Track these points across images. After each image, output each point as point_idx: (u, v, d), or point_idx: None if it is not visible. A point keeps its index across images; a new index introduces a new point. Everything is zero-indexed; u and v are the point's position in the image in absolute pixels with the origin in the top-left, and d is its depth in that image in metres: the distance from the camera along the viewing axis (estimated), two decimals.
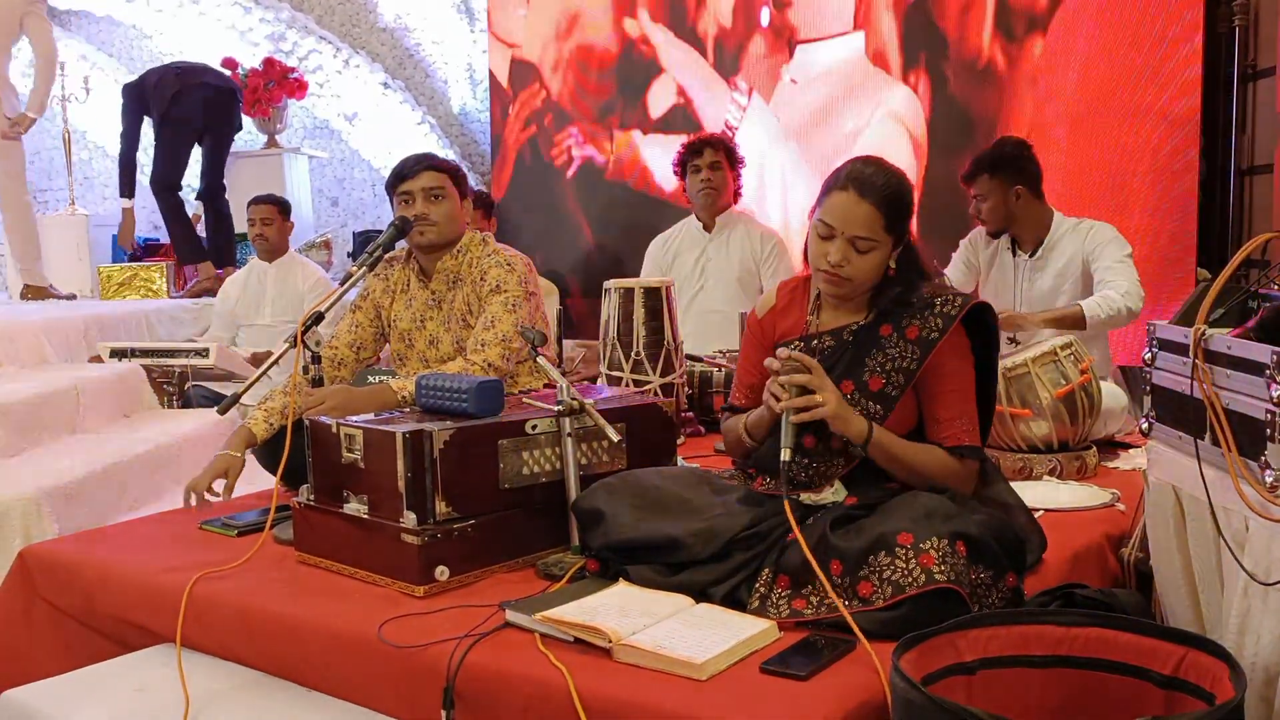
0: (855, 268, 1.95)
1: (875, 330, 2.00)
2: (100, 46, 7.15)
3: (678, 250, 4.16)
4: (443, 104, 6.79)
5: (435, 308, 2.84)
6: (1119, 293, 3.10)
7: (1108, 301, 3.09)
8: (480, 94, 6.65)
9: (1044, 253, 3.31)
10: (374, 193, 6.96)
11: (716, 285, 4.06)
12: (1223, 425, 1.42)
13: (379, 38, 6.85)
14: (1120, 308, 3.09)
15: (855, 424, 1.91)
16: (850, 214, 1.93)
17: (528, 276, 2.80)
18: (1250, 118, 4.36)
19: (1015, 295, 3.35)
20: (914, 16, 4.53)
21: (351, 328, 2.89)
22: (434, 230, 2.74)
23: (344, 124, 6.81)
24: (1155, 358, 1.70)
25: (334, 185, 7.09)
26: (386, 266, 2.93)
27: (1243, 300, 1.59)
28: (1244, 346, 1.41)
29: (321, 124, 6.95)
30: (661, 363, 3.29)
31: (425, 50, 6.82)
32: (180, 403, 4.26)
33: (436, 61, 6.80)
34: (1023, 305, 3.34)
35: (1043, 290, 3.31)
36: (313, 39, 6.61)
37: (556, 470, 2.16)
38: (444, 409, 2.16)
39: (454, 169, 2.83)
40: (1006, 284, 3.37)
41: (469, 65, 6.73)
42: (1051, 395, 2.67)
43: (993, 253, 3.44)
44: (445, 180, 2.77)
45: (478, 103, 6.70)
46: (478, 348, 2.66)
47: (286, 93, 6.32)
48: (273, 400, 2.68)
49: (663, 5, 5.35)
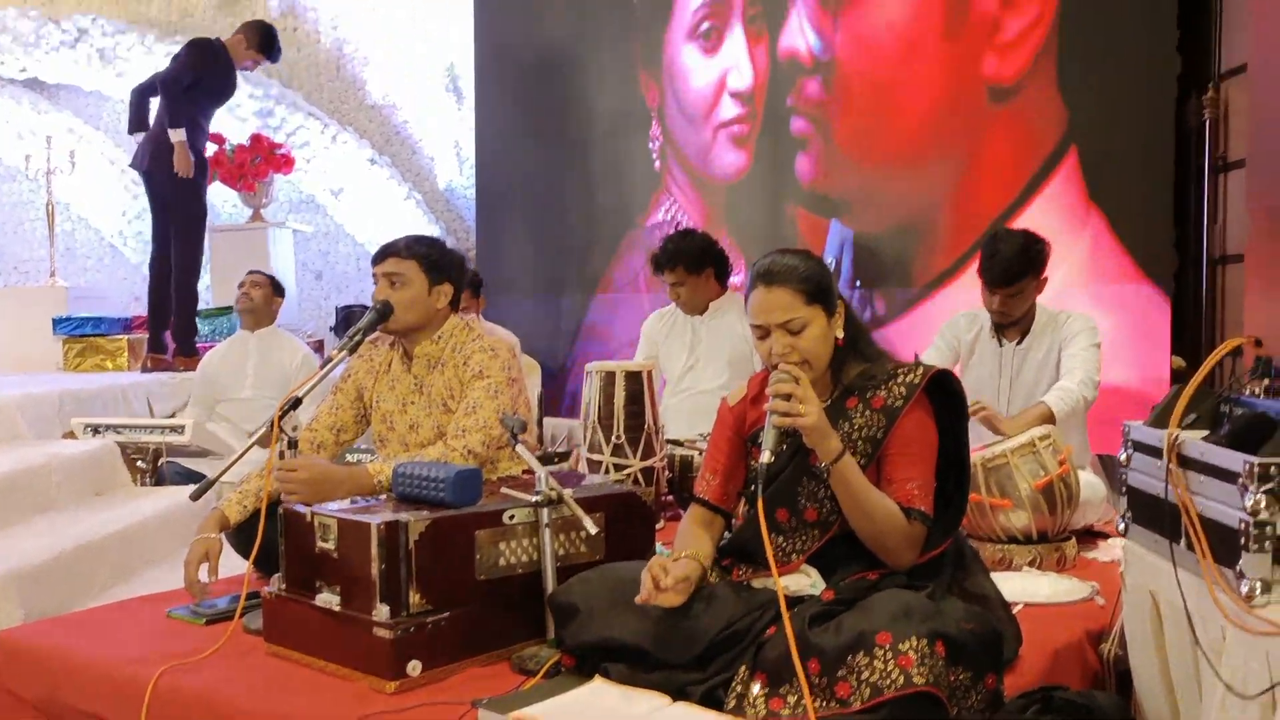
0: (802, 349, 1.99)
1: (842, 404, 2.04)
2: (88, 120, 7.20)
3: (671, 327, 4.19)
4: (429, 180, 6.86)
5: (417, 391, 2.83)
6: (1075, 382, 3.14)
7: (1068, 394, 3.11)
8: (466, 171, 6.72)
9: (1030, 342, 3.33)
10: (358, 267, 6.99)
11: (707, 365, 4.07)
12: (1198, 532, 1.42)
13: (367, 114, 6.93)
14: (1078, 398, 3.13)
15: (831, 442, 1.93)
16: (769, 304, 1.99)
17: (511, 362, 2.79)
18: (1222, 208, 4.45)
19: (1000, 385, 3.37)
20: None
21: (332, 410, 2.88)
22: (393, 318, 2.74)
23: (329, 198, 6.86)
24: (1131, 459, 1.71)
25: (318, 259, 7.12)
26: (371, 347, 2.93)
27: (1215, 404, 1.60)
28: (1217, 453, 1.42)
29: (307, 198, 7.00)
30: (642, 446, 3.29)
31: (412, 127, 6.90)
32: (154, 480, 4.21)
33: (423, 138, 6.89)
34: (1008, 395, 3.35)
35: (1027, 380, 3.32)
36: (301, 115, 6.69)
37: (534, 561, 2.14)
38: (421, 498, 2.15)
39: (423, 255, 2.78)
40: (991, 373, 3.38)
41: (456, 143, 6.81)
42: (1030, 486, 2.67)
43: (974, 337, 3.45)
44: (409, 267, 2.76)
45: (464, 179, 6.77)
46: (458, 434, 2.65)
47: (273, 168, 6.37)
48: (248, 483, 2.65)
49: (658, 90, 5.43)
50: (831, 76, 4.39)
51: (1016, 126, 4.04)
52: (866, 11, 4.27)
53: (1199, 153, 4.47)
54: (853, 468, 1.94)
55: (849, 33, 4.29)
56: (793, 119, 4.58)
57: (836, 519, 1.99)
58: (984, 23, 4.02)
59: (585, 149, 5.55)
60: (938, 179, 4.22)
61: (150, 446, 4.23)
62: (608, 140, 5.45)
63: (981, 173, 4.11)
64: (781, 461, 2.02)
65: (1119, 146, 3.98)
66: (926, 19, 4.13)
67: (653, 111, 5.17)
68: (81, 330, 5.86)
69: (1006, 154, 4.06)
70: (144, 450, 4.24)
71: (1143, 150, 3.94)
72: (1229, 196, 4.41)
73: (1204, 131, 4.44)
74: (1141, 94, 3.94)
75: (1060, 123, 4.03)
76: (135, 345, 5.75)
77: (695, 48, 4.86)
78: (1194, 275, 4.50)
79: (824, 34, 4.38)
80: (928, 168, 4.21)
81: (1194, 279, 4.50)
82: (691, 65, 4.85)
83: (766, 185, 4.82)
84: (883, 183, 4.33)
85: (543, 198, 5.78)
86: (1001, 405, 3.33)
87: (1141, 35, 3.93)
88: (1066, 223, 4.00)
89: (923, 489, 1.98)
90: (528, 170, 5.83)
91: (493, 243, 6.12)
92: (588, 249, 5.56)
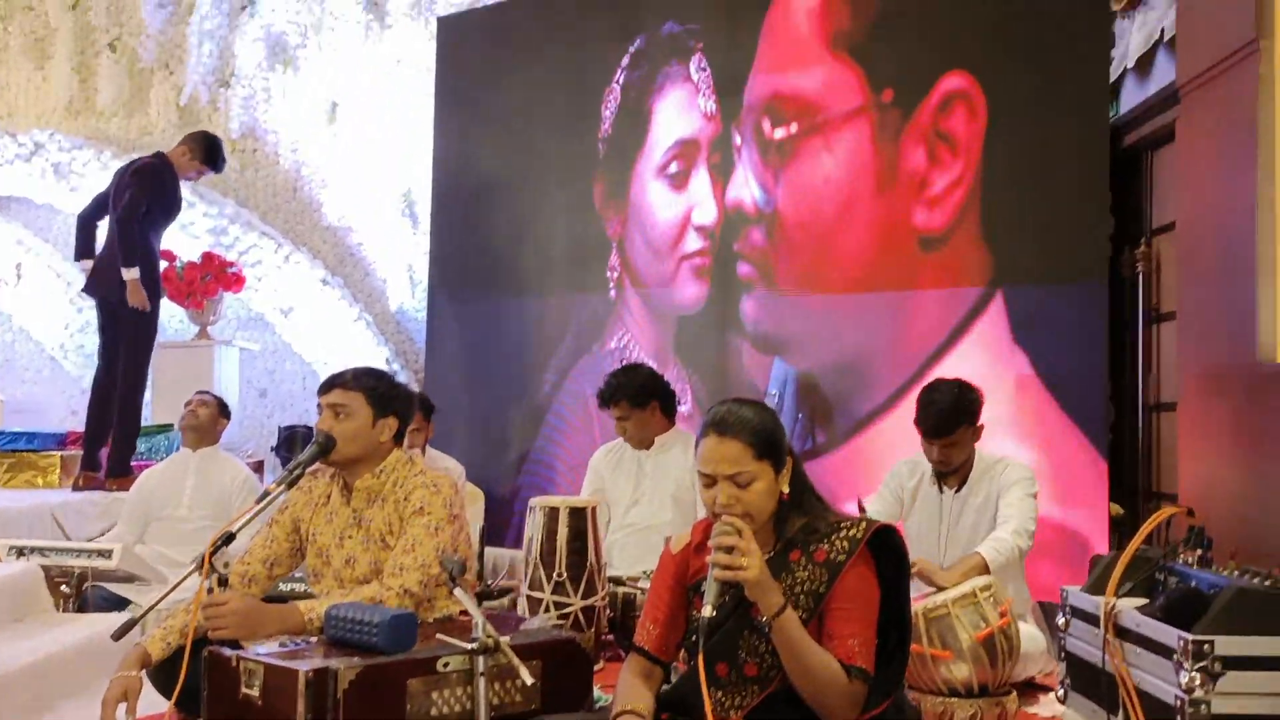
0: (746, 503, 1.99)
1: (785, 557, 2.03)
2: (38, 233, 7.15)
3: (618, 461, 4.18)
4: (380, 302, 6.87)
5: (356, 526, 2.78)
6: (1009, 532, 3.16)
7: (1002, 544, 3.13)
8: (419, 294, 6.74)
9: (968, 490, 3.36)
10: (304, 386, 6.92)
11: (652, 501, 4.05)
12: (1135, 706, 1.42)
13: (321, 235, 6.97)
14: (1012, 547, 3.14)
15: (773, 596, 1.92)
16: (719, 455, 2.00)
17: (453, 498, 2.76)
18: (1155, 358, 4.58)
19: (941, 532, 3.38)
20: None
21: (267, 542, 2.81)
22: (334, 449, 2.71)
23: (279, 316, 6.84)
24: (1069, 624, 1.71)
25: (263, 376, 7.05)
26: (310, 478, 2.88)
27: (1151, 571, 1.62)
28: (1152, 626, 1.43)
29: (256, 316, 6.97)
30: (584, 584, 3.26)
31: (366, 249, 6.94)
32: (77, 605, 4.06)
33: (377, 261, 6.92)
34: (948, 542, 3.36)
35: (966, 527, 3.34)
36: (255, 234, 6.71)
37: (467, 711, 2.08)
38: (353, 642, 2.09)
39: (370, 388, 2.77)
40: (932, 520, 3.40)
41: (410, 266, 6.86)
42: (971, 637, 2.66)
43: (916, 485, 3.48)
44: (355, 399, 2.74)
45: (416, 302, 6.79)
46: (395, 572, 2.59)
47: (224, 286, 6.35)
48: (173, 618, 2.57)
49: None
50: (774, 226, 4.62)
51: (945, 272, 4.22)
52: (805, 167, 4.51)
53: (1133, 303, 4.63)
54: (794, 623, 1.92)
55: (790, 186, 4.53)
56: (739, 264, 4.76)
57: (777, 674, 1.97)
58: (913, 179, 4.26)
59: (540, 276, 5.61)
60: (872, 321, 4.39)
61: (76, 570, 4.09)
62: (564, 268, 5.52)
63: (913, 315, 4.29)
64: (723, 614, 2.00)
65: (1051, 294, 4.11)
66: (861, 175, 4.37)
67: (613, 242, 5.27)
68: (14, 445, 5.72)
69: (936, 297, 4.24)
70: (69, 574, 4.09)
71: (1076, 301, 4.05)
72: (1162, 346, 4.54)
73: (1137, 283, 4.60)
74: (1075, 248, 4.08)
75: (986, 269, 4.19)
76: (68, 462, 5.61)
77: (664, 184, 5.03)
78: (1130, 422, 4.60)
79: (767, 187, 4.62)
80: (863, 310, 4.41)
81: (1130, 426, 4.60)
82: (659, 200, 5.02)
83: (718, 320, 4.91)
84: (821, 324, 4.51)
85: (494, 323, 5.81)
86: (941, 552, 3.34)
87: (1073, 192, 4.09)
88: (992, 364, 4.12)
89: (864, 646, 1.97)
90: (481, 295, 5.86)
91: (442, 366, 6.11)
92: (538, 374, 5.57)
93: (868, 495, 3.56)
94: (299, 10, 6.91)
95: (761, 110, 4.67)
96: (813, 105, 4.52)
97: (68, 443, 5.85)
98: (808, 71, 4.52)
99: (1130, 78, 4.50)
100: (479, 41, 6.00)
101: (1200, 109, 3.60)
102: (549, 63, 5.60)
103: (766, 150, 4.65)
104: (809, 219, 4.50)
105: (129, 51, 7.08)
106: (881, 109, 4.35)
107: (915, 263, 4.26)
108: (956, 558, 3.26)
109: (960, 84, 4.23)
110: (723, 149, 4.89)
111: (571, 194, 5.49)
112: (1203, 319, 3.61)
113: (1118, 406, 4.39)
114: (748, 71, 4.82)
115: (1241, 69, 3.24)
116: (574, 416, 5.45)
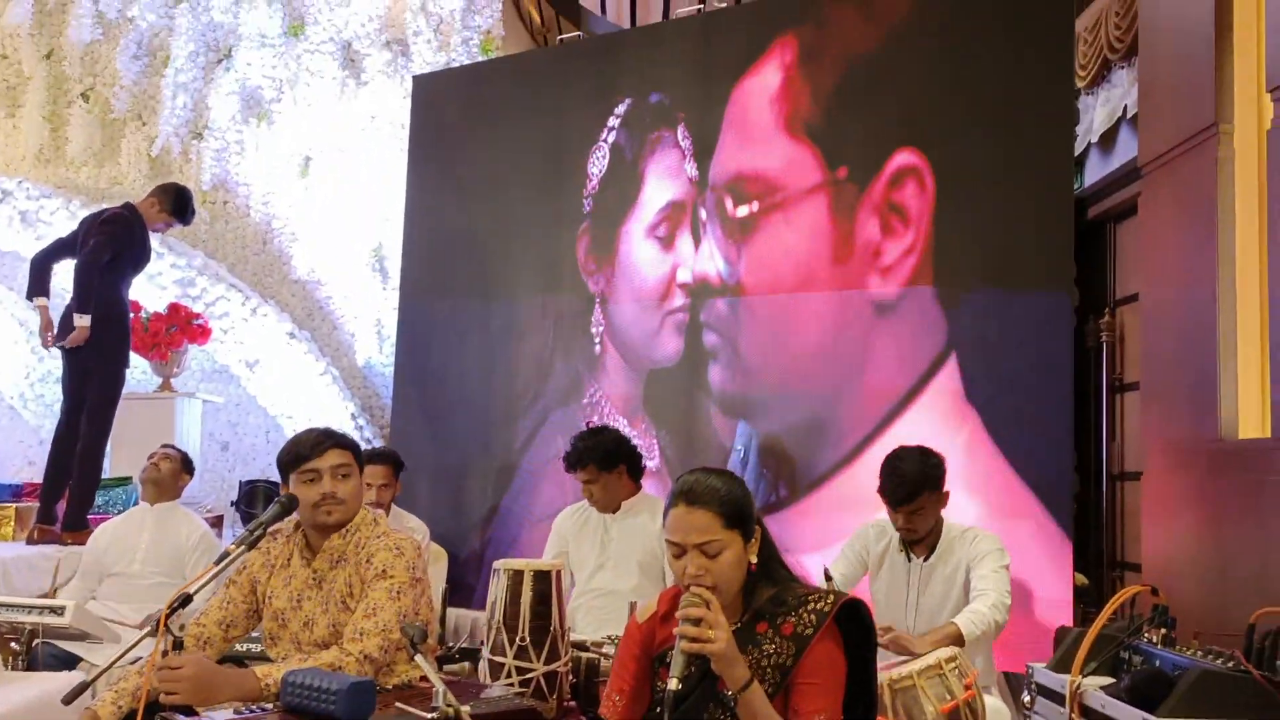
0: (715, 573, 1.99)
1: (752, 629, 2.02)
2: (1, 280, 7.08)
3: (583, 525, 4.13)
4: (347, 356, 6.83)
5: (315, 587, 2.73)
6: (987, 605, 3.15)
7: (979, 617, 3.12)
8: (387, 349, 6.72)
9: (936, 558, 3.35)
10: (267, 439, 6.85)
11: (617, 566, 4.00)
12: None
13: (290, 288, 6.94)
14: (989, 621, 3.13)
15: (739, 670, 1.91)
16: (688, 525, 2.00)
17: (415, 562, 2.73)
18: (1119, 427, 4.63)
19: (909, 600, 3.37)
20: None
21: (223, 604, 2.76)
22: (341, 509, 2.69)
23: (244, 369, 6.77)
24: (1034, 702, 1.71)
25: (226, 429, 6.97)
26: (269, 540, 2.84)
27: (1116, 650, 1.62)
28: (1118, 708, 1.42)
29: (221, 368, 6.90)
30: (547, 649, 3.20)
31: (335, 304, 6.92)
32: (25, 663, 3.95)
33: (345, 315, 6.90)
34: (916, 611, 3.35)
35: (935, 595, 3.33)
36: (223, 286, 6.67)
37: None
38: (310, 710, 2.05)
39: (357, 446, 2.81)
40: (899, 588, 3.39)
41: (378, 320, 6.84)
42: (937, 710, 2.64)
43: (883, 550, 3.47)
44: (350, 458, 2.75)
45: (383, 357, 6.76)
46: (355, 637, 2.55)
47: (189, 338, 6.30)
48: (125, 680, 2.51)
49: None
50: (737, 298, 4.82)
51: (899, 336, 4.38)
52: (767, 242, 4.73)
53: (1097, 373, 4.69)
54: (760, 697, 1.91)
55: (752, 260, 4.74)
56: (706, 333, 4.90)
57: None
58: (868, 249, 4.47)
59: (509, 334, 5.60)
60: (831, 383, 4.55)
61: (26, 626, 3.99)
62: (538, 325, 5.51)
63: (870, 376, 4.44)
64: (689, 686, 1.98)
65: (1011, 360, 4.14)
66: (818, 246, 4.58)
67: (596, 299, 5.30)
68: None
69: (891, 360, 4.40)
70: (19, 630, 3.99)
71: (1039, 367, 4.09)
72: (1126, 415, 4.60)
73: (1101, 353, 4.67)
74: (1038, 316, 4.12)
75: (940, 333, 4.31)
76: (23, 514, 5.49)
77: (654, 244, 5.13)
78: (1094, 491, 4.64)
79: (730, 261, 4.82)
80: (822, 374, 4.58)
81: (1094, 495, 4.64)
82: (648, 257, 5.16)
83: (687, 377, 4.94)
84: (783, 389, 4.66)
85: (463, 379, 5.78)
86: (909, 620, 3.33)
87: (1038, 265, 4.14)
88: (948, 423, 4.21)
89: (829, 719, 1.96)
90: (451, 351, 5.84)
91: (409, 421, 6.05)
92: (508, 431, 5.53)
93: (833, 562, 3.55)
94: (275, 65, 6.95)
95: (724, 189, 4.89)
96: (773, 184, 4.75)
97: (23, 494, 5.74)
98: (768, 152, 4.76)
99: (1094, 152, 4.60)
100: (453, 101, 6.05)
101: (1162, 188, 3.69)
102: (524, 124, 5.65)
103: (730, 227, 4.86)
104: (770, 290, 4.72)
105: (102, 101, 7.08)
106: (837, 184, 4.59)
107: (870, 328, 4.46)
108: (924, 626, 3.25)
109: (910, 160, 4.44)
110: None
111: (547, 252, 5.50)
112: (1166, 393, 3.66)
113: (1082, 476, 4.43)
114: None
115: (1201, 151, 3.32)
116: (546, 473, 5.42)
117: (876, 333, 4.47)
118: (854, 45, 4.62)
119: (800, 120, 4.70)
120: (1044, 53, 4.21)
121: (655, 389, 5.08)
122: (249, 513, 5.88)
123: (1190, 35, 3.46)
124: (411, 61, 6.89)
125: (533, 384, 5.50)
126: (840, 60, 4.65)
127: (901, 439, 3.72)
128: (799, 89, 4.72)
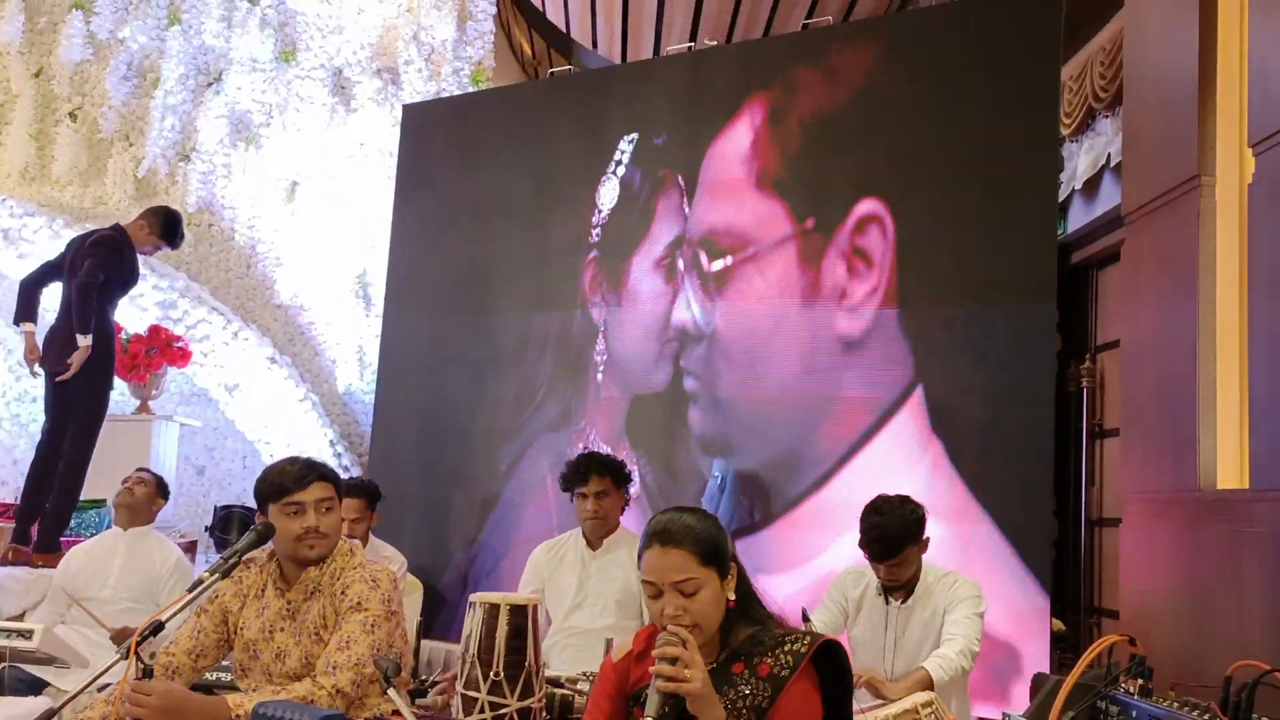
0: (694, 613, 1.98)
1: (728, 669, 2.01)
2: None
3: (561, 560, 4.08)
4: (328, 382, 6.80)
5: (288, 618, 2.70)
6: (955, 650, 3.15)
7: (948, 661, 3.12)
8: (368, 376, 6.69)
9: (914, 601, 3.35)
10: (243, 464, 6.80)
11: (595, 604, 3.96)
12: None
13: (272, 313, 6.91)
14: (956, 667, 3.14)
15: (715, 710, 1.90)
16: (664, 564, 2.00)
17: (391, 594, 2.70)
18: (1099, 472, 4.64)
19: (887, 643, 3.36)
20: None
21: (193, 634, 2.72)
22: (324, 544, 2.67)
23: (223, 393, 6.73)
24: None
25: (203, 453, 6.91)
26: (242, 569, 2.80)
27: (1093, 700, 1.61)
28: None
29: (200, 391, 6.85)
30: (521, 685, 3.16)
31: (317, 329, 6.89)
32: None
33: (327, 341, 6.87)
34: (894, 653, 3.34)
35: (913, 638, 3.32)
36: (205, 309, 6.63)
37: None
38: None
39: (339, 479, 2.80)
40: (878, 630, 3.38)
41: (360, 347, 6.81)
42: None
43: (861, 595, 3.46)
44: (333, 491, 2.73)
45: (364, 384, 6.73)
46: (328, 670, 2.52)
47: (169, 360, 6.25)
48: (92, 709, 2.47)
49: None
50: (713, 344, 5.00)
51: (866, 372, 4.51)
52: (740, 291, 4.94)
53: (1077, 418, 4.71)
54: None
55: (726, 308, 4.94)
56: (685, 378, 5.04)
57: None
58: (835, 291, 4.65)
59: (495, 363, 5.58)
60: (803, 418, 4.71)
61: None
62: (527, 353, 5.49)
63: (838, 411, 4.58)
64: None
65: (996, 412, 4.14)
66: (788, 292, 4.77)
67: (599, 327, 5.32)
68: None
69: (859, 395, 4.52)
70: None
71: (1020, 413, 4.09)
72: (1105, 461, 4.61)
73: (1082, 398, 4.69)
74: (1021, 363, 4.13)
75: (906, 368, 4.39)
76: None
77: (659, 276, 5.21)
78: (1072, 537, 4.64)
79: (706, 310, 5.02)
80: (794, 410, 4.75)
81: (1073, 539, 4.65)
82: (653, 288, 5.26)
83: (670, 405, 4.96)
84: (757, 426, 4.82)
85: (445, 406, 5.75)
86: (886, 663, 3.32)
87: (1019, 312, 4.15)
88: (911, 453, 4.28)
89: None
90: (432, 379, 5.82)
91: (388, 449, 6.01)
92: (492, 458, 5.51)
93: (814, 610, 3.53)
94: (265, 90, 6.95)
95: (699, 244, 5.05)
96: (746, 238, 4.94)
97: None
98: (740, 208, 4.95)
99: (1078, 199, 4.65)
100: (443, 130, 6.06)
101: (1144, 237, 3.72)
102: (512, 155, 5.67)
103: (705, 280, 5.03)
104: (744, 335, 4.90)
105: (89, 121, 7.06)
106: (805, 234, 4.76)
107: (839, 365, 4.61)
108: (902, 668, 3.24)
109: (872, 208, 4.61)
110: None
111: (533, 281, 5.50)
112: (1145, 442, 3.68)
113: (1060, 521, 4.43)
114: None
115: (1184, 202, 3.35)
116: (529, 500, 5.39)
117: (845, 369, 4.62)
118: (819, 104, 4.84)
119: (768, 176, 4.91)
120: (1029, 101, 4.25)
121: (639, 416, 5.10)
122: (223, 539, 5.82)
123: (1174, 88, 3.51)
124: (402, 90, 6.92)
125: (518, 411, 5.49)
126: (806, 118, 4.86)
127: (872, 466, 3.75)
128: (767, 147, 4.93)
